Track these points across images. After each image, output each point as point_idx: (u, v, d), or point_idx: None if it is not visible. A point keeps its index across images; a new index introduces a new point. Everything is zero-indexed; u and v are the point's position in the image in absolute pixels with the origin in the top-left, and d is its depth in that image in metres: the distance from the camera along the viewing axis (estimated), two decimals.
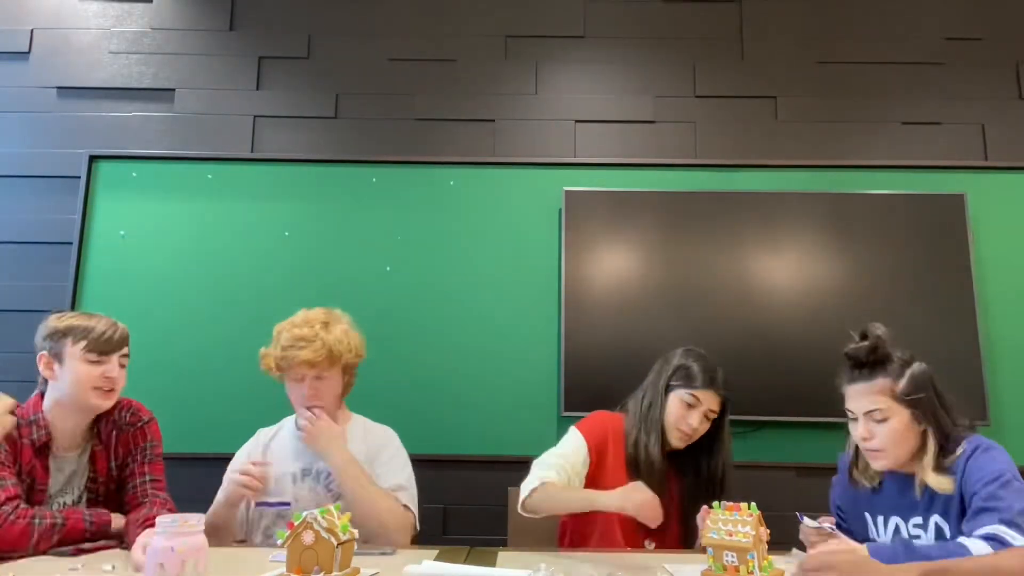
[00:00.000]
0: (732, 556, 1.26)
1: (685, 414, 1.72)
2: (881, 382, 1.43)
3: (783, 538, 1.53)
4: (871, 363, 1.45)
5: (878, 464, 1.46)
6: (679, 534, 1.75)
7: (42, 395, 1.58)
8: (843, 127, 2.67)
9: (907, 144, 2.65)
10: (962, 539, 1.27)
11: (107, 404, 1.57)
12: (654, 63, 2.74)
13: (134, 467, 1.62)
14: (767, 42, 2.75)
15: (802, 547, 1.41)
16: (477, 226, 2.60)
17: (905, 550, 1.26)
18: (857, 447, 1.53)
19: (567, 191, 2.56)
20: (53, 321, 1.58)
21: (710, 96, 2.71)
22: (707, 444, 1.77)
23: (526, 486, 1.63)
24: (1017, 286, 2.51)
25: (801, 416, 2.41)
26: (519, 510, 1.66)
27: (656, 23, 2.77)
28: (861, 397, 1.45)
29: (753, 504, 1.28)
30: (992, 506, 1.29)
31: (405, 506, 1.70)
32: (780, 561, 1.30)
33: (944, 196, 2.54)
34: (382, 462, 1.75)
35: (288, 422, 1.88)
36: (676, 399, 1.74)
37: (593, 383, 2.43)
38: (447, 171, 2.64)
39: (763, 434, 2.44)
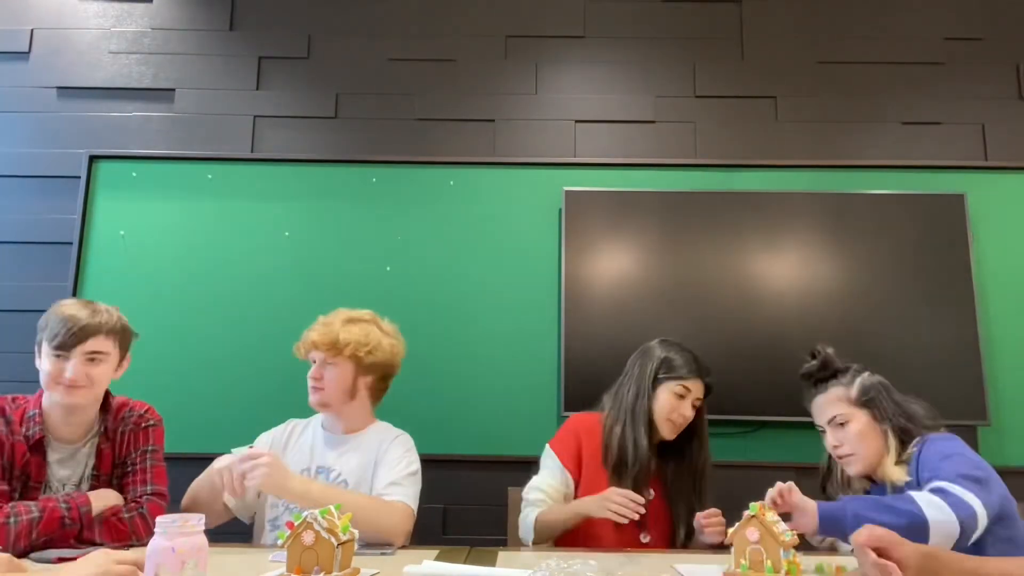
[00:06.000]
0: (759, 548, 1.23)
1: (677, 404, 1.76)
2: (835, 391, 1.60)
3: None
4: (824, 377, 1.63)
5: (852, 469, 1.57)
6: (669, 527, 1.76)
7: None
8: (843, 127, 2.67)
9: (907, 144, 2.65)
10: (910, 492, 1.36)
11: (73, 400, 1.51)
12: (654, 63, 2.74)
13: (134, 471, 1.58)
14: (767, 42, 2.74)
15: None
16: (477, 226, 2.60)
17: (850, 501, 1.35)
18: (829, 463, 1.67)
19: (567, 191, 2.56)
20: (49, 311, 1.56)
21: (710, 96, 2.71)
22: (688, 432, 1.80)
23: (526, 527, 1.71)
24: (1017, 286, 2.51)
25: (801, 416, 2.37)
26: (531, 546, 1.70)
27: (656, 23, 2.77)
28: (822, 408, 1.62)
29: None
30: (937, 472, 1.39)
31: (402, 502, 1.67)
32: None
33: (944, 196, 2.54)
34: (382, 464, 1.75)
35: (317, 419, 1.88)
36: (666, 391, 1.76)
37: (593, 383, 2.40)
38: (447, 171, 2.64)
39: (763, 434, 2.44)
